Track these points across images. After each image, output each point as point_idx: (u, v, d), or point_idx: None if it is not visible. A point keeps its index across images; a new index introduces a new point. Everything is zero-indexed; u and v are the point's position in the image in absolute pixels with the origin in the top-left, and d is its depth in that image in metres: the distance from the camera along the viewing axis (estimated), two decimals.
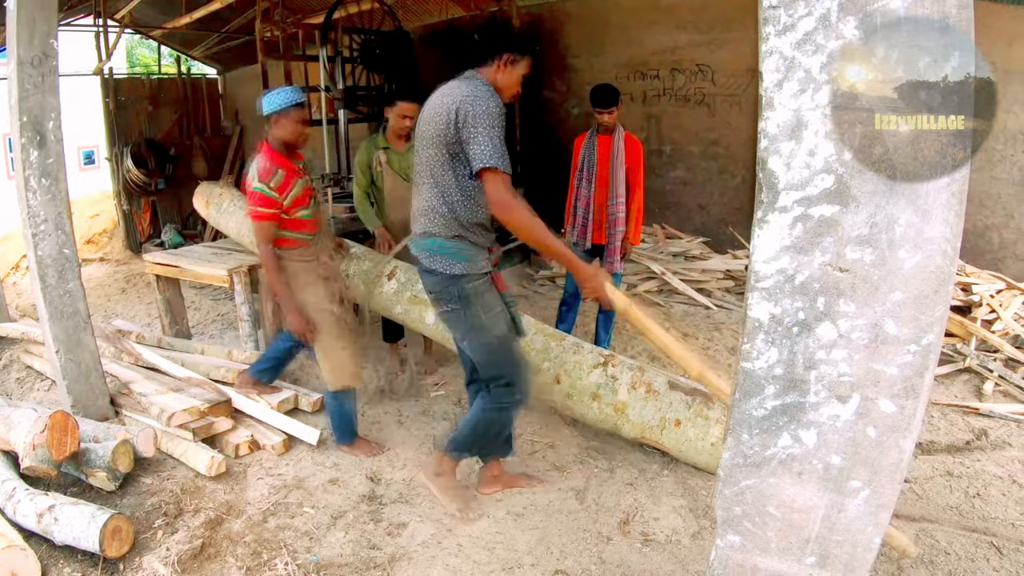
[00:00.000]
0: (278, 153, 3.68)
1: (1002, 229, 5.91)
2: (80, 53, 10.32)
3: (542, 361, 3.90)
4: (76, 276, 4.07)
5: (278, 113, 3.64)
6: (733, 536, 1.81)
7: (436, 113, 2.91)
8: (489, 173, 2.79)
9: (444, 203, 2.97)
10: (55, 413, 3.30)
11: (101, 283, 8.78)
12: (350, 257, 4.72)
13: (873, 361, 1.57)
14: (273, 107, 3.64)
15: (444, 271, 3.03)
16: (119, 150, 10.42)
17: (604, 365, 3.84)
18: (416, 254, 3.13)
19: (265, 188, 3.57)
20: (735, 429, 1.72)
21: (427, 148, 2.97)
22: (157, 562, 3.00)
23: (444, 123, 2.85)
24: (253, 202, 3.57)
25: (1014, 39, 5.44)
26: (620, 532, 3.29)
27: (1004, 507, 3.41)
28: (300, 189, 3.71)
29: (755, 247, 1.60)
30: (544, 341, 3.99)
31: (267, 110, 3.65)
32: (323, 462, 3.88)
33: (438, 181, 2.97)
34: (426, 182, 3.01)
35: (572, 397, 3.86)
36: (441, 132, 2.87)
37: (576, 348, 3.97)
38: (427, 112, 3.00)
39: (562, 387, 3.87)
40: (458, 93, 2.87)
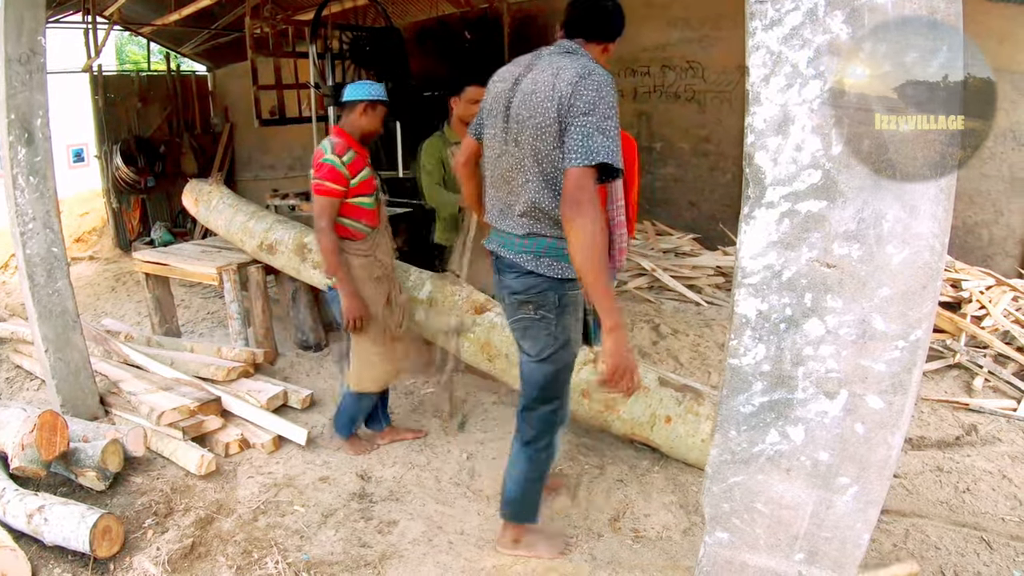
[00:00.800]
0: (352, 138, 3.66)
1: (992, 226, 5.94)
2: (69, 50, 10.26)
3: None
4: (65, 275, 4.04)
5: (369, 103, 3.64)
6: (722, 533, 1.81)
7: (543, 95, 2.44)
8: (580, 169, 2.32)
9: (554, 199, 2.51)
10: (44, 413, 3.28)
11: (91, 282, 8.74)
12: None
13: (861, 357, 1.56)
14: (365, 96, 3.63)
15: (550, 274, 2.62)
16: (108, 148, 10.38)
17: (594, 363, 3.80)
18: (510, 255, 2.69)
19: (337, 162, 3.50)
20: (723, 426, 1.72)
21: (531, 136, 2.49)
22: (147, 562, 2.99)
23: (556, 108, 2.40)
24: (321, 175, 3.50)
25: (1004, 37, 5.46)
26: (611, 529, 3.29)
27: (994, 502, 3.42)
28: (367, 175, 3.65)
29: (742, 243, 1.60)
30: None
31: (358, 97, 3.64)
32: (313, 460, 3.86)
33: (549, 176, 2.50)
34: (529, 175, 2.54)
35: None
36: (553, 119, 2.41)
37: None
38: (525, 92, 2.53)
39: None
40: (570, 73, 2.40)
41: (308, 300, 5.44)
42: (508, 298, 2.78)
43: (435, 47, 8.94)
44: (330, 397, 4.62)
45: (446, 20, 8.89)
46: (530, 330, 2.75)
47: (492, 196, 2.78)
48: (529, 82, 2.52)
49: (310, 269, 4.83)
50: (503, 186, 2.68)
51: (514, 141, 2.57)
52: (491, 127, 2.70)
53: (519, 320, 2.77)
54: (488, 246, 2.84)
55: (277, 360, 5.25)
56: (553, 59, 2.53)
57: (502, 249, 2.72)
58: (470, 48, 8.56)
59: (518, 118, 2.53)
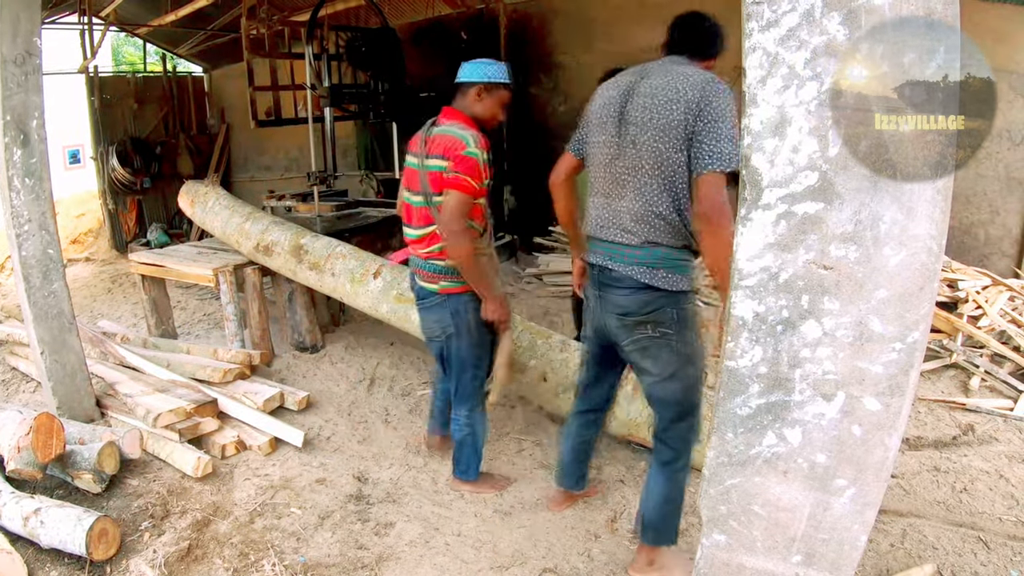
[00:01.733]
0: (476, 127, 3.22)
1: (988, 226, 5.94)
2: (65, 51, 10.25)
3: (529, 359, 3.90)
4: (61, 277, 4.03)
5: (485, 86, 3.20)
6: (719, 535, 1.80)
7: (667, 98, 2.45)
8: (716, 175, 2.35)
9: (674, 206, 2.49)
10: (40, 415, 3.27)
11: (87, 283, 8.72)
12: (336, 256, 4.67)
13: (858, 359, 1.56)
14: (484, 77, 3.19)
15: (667, 287, 2.54)
16: (104, 149, 10.36)
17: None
18: (621, 268, 2.61)
19: (483, 157, 3.07)
20: (720, 428, 1.72)
21: (653, 138, 2.46)
22: (144, 564, 2.98)
23: (683, 111, 2.39)
24: (465, 169, 3.02)
25: (1001, 37, 5.47)
26: (608, 529, 3.29)
27: (991, 502, 3.42)
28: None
29: (738, 245, 1.59)
30: (530, 338, 3.98)
31: (476, 78, 3.20)
32: (310, 462, 3.86)
33: (669, 180, 2.47)
34: (647, 177, 2.51)
35: (560, 395, 3.85)
36: (679, 122, 2.40)
37: (563, 346, 3.96)
38: (645, 95, 2.53)
39: (549, 385, 3.86)
40: (696, 79, 2.44)
41: (304, 301, 5.43)
42: (616, 320, 2.69)
43: (431, 48, 8.94)
44: (326, 399, 4.62)
45: (442, 21, 8.88)
46: (650, 349, 2.65)
47: (599, 205, 2.72)
48: (647, 86, 2.52)
49: (306, 270, 4.83)
50: (615, 192, 2.63)
51: (631, 143, 2.53)
52: (600, 134, 2.67)
53: (636, 341, 2.67)
54: (591, 259, 2.75)
55: (273, 362, 5.24)
56: (669, 67, 2.55)
57: (610, 261, 2.63)
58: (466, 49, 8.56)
59: (637, 121, 2.51)
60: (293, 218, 6.07)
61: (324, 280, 4.75)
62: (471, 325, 3.29)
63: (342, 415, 4.44)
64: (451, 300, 3.27)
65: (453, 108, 3.25)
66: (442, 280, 3.26)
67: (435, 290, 3.28)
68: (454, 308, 3.27)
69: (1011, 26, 5.48)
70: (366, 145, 9.33)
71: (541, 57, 8.34)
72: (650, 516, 2.87)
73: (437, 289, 3.28)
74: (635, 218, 2.55)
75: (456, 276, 3.21)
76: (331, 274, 4.65)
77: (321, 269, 4.74)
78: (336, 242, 4.95)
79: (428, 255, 3.26)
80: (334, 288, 4.72)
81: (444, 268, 3.24)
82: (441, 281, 3.26)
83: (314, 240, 4.97)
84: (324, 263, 4.74)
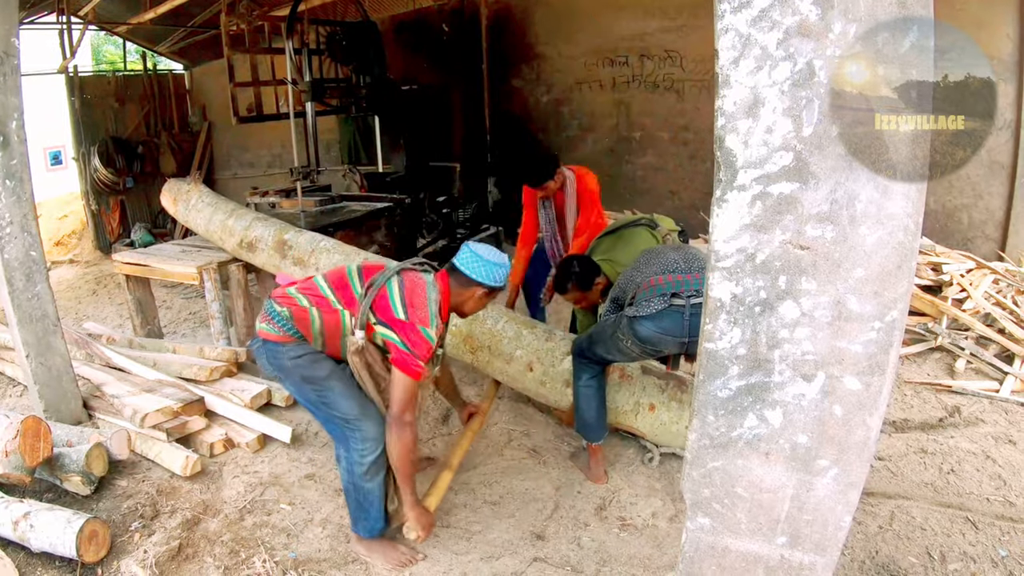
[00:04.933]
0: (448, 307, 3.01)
1: (971, 209, 5.97)
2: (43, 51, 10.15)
3: (515, 349, 3.90)
4: (44, 279, 4.00)
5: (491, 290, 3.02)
6: (703, 518, 1.81)
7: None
8: None
9: None
10: (27, 419, 3.25)
11: (71, 285, 8.67)
12: None
13: (837, 339, 1.56)
14: (496, 282, 2.97)
15: None
16: (86, 149, 10.28)
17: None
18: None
19: (435, 337, 2.82)
20: (700, 411, 1.72)
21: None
22: (135, 565, 2.97)
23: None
24: (420, 351, 2.77)
25: (981, 24, 5.49)
26: (597, 517, 3.30)
27: (978, 482, 3.45)
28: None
29: (715, 226, 1.59)
30: (516, 329, 3.98)
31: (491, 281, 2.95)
32: (298, 458, 3.85)
33: None
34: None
35: (546, 384, 3.85)
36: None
37: (548, 335, 3.96)
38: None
39: (535, 374, 3.86)
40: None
41: None
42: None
43: (412, 41, 8.92)
44: None
45: (423, 13, 8.86)
46: None
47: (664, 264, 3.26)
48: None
49: (291, 266, 4.81)
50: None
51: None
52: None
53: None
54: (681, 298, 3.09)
55: None
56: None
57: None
58: (448, 42, 8.54)
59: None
60: (277, 214, 6.04)
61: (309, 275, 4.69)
62: (289, 368, 2.97)
63: None
64: (267, 347, 2.99)
65: (448, 279, 2.98)
66: (266, 323, 2.97)
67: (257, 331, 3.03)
68: (271, 357, 2.99)
69: (990, 13, 5.50)
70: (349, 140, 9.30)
71: (523, 49, 8.34)
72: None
73: (257, 331, 3.03)
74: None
75: (281, 326, 2.93)
76: (315, 269, 4.62)
77: (306, 264, 4.72)
78: (320, 237, 4.94)
79: (279, 297, 2.98)
80: None
81: (277, 313, 2.94)
82: (263, 324, 2.98)
83: (298, 235, 4.95)
84: (308, 258, 4.72)
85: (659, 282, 3.14)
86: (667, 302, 3.06)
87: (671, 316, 3.06)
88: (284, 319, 2.92)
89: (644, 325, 3.10)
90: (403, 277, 2.88)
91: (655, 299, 3.09)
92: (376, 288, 2.84)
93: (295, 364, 2.93)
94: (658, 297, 3.09)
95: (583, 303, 3.99)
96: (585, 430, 3.57)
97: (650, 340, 3.13)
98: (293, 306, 2.91)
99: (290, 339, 2.93)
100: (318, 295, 2.93)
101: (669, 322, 3.06)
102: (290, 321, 2.91)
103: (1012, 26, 5.47)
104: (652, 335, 3.10)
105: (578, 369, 3.52)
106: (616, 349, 3.30)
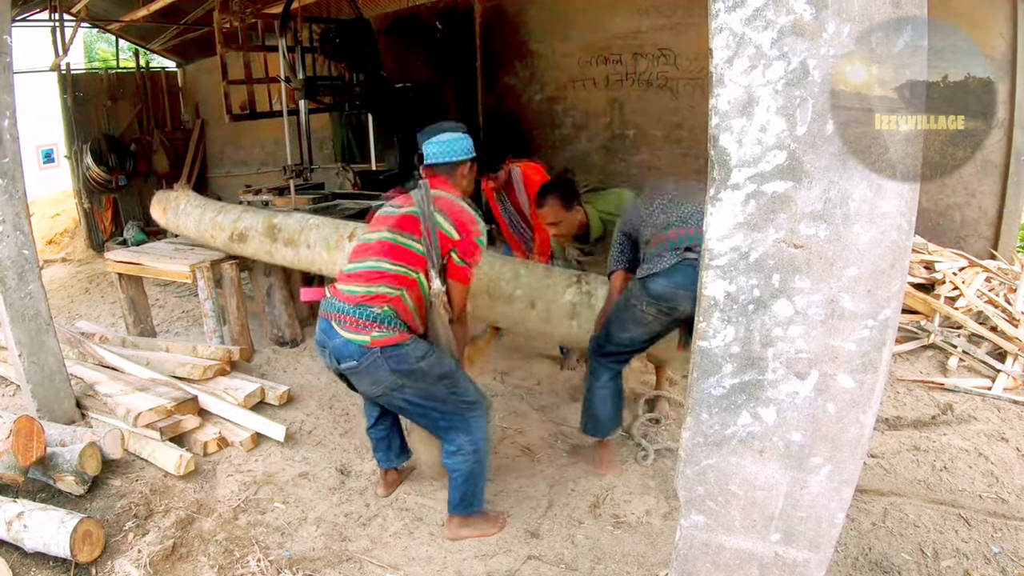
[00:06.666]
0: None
1: (964, 208, 5.98)
2: (36, 49, 10.09)
3: (514, 289, 3.80)
4: (37, 278, 3.98)
5: (474, 160, 3.19)
6: (697, 516, 1.81)
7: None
8: None
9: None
10: (20, 418, 3.24)
11: (64, 284, 8.63)
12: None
13: (830, 337, 1.57)
14: (468, 153, 3.14)
15: None
16: (78, 147, 10.21)
17: (578, 283, 3.72)
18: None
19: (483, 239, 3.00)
20: (694, 408, 1.72)
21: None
22: (129, 565, 2.97)
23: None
24: (472, 259, 2.97)
25: (974, 22, 5.50)
26: (591, 515, 3.30)
27: (971, 479, 3.46)
28: None
29: (708, 225, 1.60)
30: (513, 268, 3.91)
31: (464, 155, 3.11)
32: (292, 456, 3.85)
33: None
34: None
35: (550, 321, 3.76)
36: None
37: (547, 272, 3.89)
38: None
39: (537, 312, 3.75)
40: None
41: (283, 296, 5.41)
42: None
43: (406, 38, 8.89)
44: (307, 392, 4.60)
45: (417, 11, 8.83)
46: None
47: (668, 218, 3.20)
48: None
49: (282, 248, 4.78)
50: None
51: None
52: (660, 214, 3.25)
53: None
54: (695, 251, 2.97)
55: (253, 357, 5.22)
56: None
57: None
58: (441, 40, 8.53)
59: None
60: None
61: (300, 254, 4.67)
62: (424, 368, 2.88)
63: (323, 408, 4.42)
64: (387, 353, 2.82)
65: (440, 178, 3.05)
66: (375, 330, 2.80)
67: (365, 342, 2.80)
68: (392, 361, 2.83)
69: (983, 11, 5.51)
70: (342, 137, 9.27)
71: (516, 46, 8.32)
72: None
73: (368, 341, 2.80)
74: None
75: (391, 326, 2.81)
76: (306, 246, 4.58)
77: (296, 244, 4.67)
78: (308, 216, 4.92)
79: (363, 299, 2.84)
80: (311, 260, 4.63)
81: (380, 316, 2.81)
82: (373, 331, 2.80)
83: (287, 217, 4.92)
84: (299, 236, 4.67)
85: (669, 236, 3.07)
86: (680, 256, 2.99)
87: (684, 270, 2.96)
88: (390, 317, 2.82)
89: (657, 282, 3.03)
90: (438, 205, 2.92)
91: (667, 254, 3.03)
92: (434, 232, 2.87)
93: (429, 364, 2.87)
94: (670, 252, 3.03)
95: (558, 227, 3.96)
96: (597, 429, 3.52)
97: (664, 296, 3.03)
98: (386, 300, 2.83)
99: (406, 336, 2.84)
100: (389, 276, 2.86)
101: (682, 276, 2.96)
102: (396, 317, 2.83)
103: (1005, 25, 5.48)
104: (666, 291, 3.02)
105: (597, 369, 3.42)
106: (632, 320, 3.20)
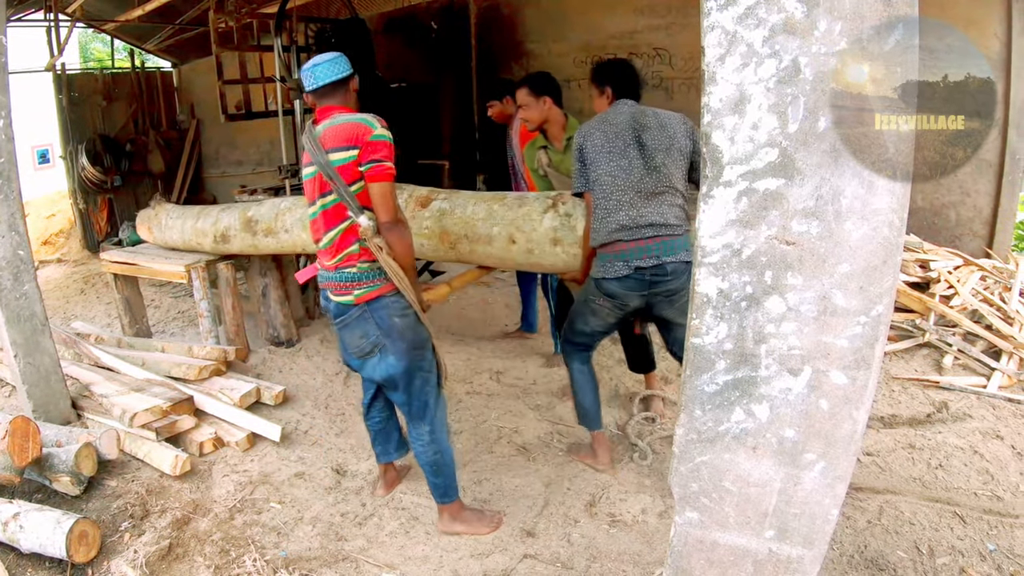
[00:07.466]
0: None
1: (959, 207, 5.99)
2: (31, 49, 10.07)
3: (491, 227, 3.74)
4: (32, 278, 3.98)
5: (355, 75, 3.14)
6: (691, 512, 1.82)
7: (671, 127, 3.28)
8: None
9: (684, 208, 3.31)
10: (15, 419, 3.24)
11: (59, 284, 8.62)
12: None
13: (823, 333, 1.57)
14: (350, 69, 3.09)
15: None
16: (74, 148, 10.18)
17: (554, 206, 3.66)
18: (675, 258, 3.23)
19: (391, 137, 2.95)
20: (688, 405, 1.73)
21: (674, 160, 3.26)
22: (125, 565, 2.96)
23: (684, 137, 3.28)
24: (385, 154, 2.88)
25: (970, 21, 5.51)
26: (587, 514, 3.30)
27: (966, 477, 3.47)
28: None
29: (701, 222, 1.60)
30: (487, 207, 3.82)
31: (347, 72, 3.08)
32: (288, 456, 3.84)
33: (679, 188, 3.30)
34: (677, 186, 3.29)
35: (533, 252, 3.69)
36: (684, 145, 3.28)
37: (520, 201, 3.81)
38: (653, 125, 3.29)
39: (519, 245, 3.69)
40: (679, 116, 3.37)
41: (279, 295, 5.40)
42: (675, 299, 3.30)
43: (401, 38, 8.89)
44: (303, 393, 4.60)
45: (412, 10, 8.84)
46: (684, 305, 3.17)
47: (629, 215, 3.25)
48: (654, 123, 3.30)
49: (263, 239, 4.75)
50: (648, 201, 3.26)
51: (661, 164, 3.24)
52: (620, 159, 3.28)
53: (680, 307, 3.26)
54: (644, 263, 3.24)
55: (249, 357, 5.21)
56: (645, 108, 3.40)
57: (667, 256, 3.23)
58: (437, 39, 8.53)
59: (660, 148, 3.25)
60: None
61: (282, 240, 4.62)
62: (401, 327, 2.98)
63: (319, 408, 4.42)
64: (371, 307, 2.96)
65: (330, 106, 3.03)
66: (356, 288, 2.94)
67: (350, 302, 2.97)
68: (378, 315, 2.96)
69: (979, 10, 5.52)
70: None
71: (512, 46, 8.32)
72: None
73: (353, 300, 2.96)
74: (675, 218, 3.26)
75: (371, 280, 2.93)
76: (284, 231, 4.55)
77: (275, 231, 4.63)
78: (279, 200, 4.88)
79: (338, 264, 2.96)
80: (293, 244, 4.59)
81: (357, 274, 2.93)
82: (355, 290, 2.94)
83: (259, 207, 4.86)
84: (275, 223, 4.63)
85: (623, 249, 3.26)
86: (630, 269, 3.25)
87: (634, 278, 3.27)
88: (367, 272, 2.92)
89: (611, 283, 3.31)
90: (326, 145, 2.87)
91: (619, 263, 3.27)
92: (336, 175, 2.84)
93: (406, 323, 2.99)
94: (622, 263, 3.26)
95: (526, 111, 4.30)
96: (586, 419, 3.67)
97: (615, 295, 3.33)
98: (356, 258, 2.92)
99: (390, 286, 2.94)
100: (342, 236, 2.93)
101: (632, 283, 3.28)
102: (372, 269, 2.92)
103: (1000, 25, 5.50)
104: (616, 291, 3.31)
105: (568, 356, 3.70)
106: (590, 312, 3.47)
